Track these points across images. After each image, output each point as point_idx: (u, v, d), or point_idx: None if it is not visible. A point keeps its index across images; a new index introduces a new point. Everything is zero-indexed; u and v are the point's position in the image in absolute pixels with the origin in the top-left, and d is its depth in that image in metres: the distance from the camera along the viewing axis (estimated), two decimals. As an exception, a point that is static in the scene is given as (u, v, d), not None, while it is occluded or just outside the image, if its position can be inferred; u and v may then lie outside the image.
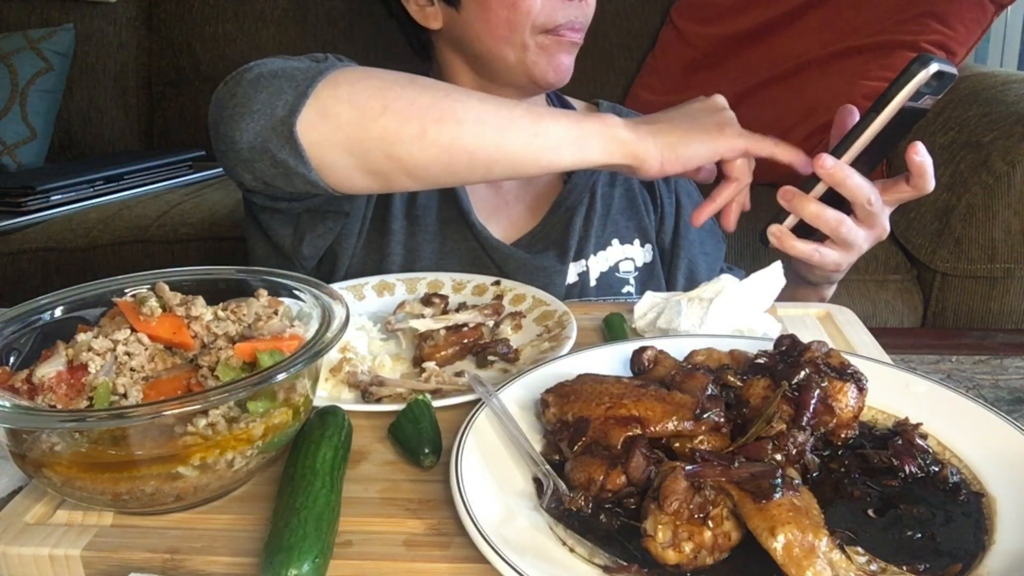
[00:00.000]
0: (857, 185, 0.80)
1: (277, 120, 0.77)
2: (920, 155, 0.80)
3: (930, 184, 0.82)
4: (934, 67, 0.74)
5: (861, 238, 0.84)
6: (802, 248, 0.84)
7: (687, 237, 1.18)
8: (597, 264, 1.11)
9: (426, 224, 1.07)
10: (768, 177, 2.34)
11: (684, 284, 1.16)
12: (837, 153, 0.80)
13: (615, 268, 1.12)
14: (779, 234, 0.83)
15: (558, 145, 0.80)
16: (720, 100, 0.87)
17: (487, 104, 0.80)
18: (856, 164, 0.80)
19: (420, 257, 1.05)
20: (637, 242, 1.14)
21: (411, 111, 0.78)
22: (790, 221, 0.84)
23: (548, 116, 0.82)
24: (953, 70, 0.76)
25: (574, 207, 1.11)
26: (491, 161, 0.80)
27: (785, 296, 0.99)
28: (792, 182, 0.83)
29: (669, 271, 1.18)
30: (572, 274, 1.09)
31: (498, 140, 0.79)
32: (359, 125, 0.78)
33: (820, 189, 0.82)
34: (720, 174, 0.87)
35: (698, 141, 0.82)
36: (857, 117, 0.82)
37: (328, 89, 0.78)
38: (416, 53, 1.14)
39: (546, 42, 0.99)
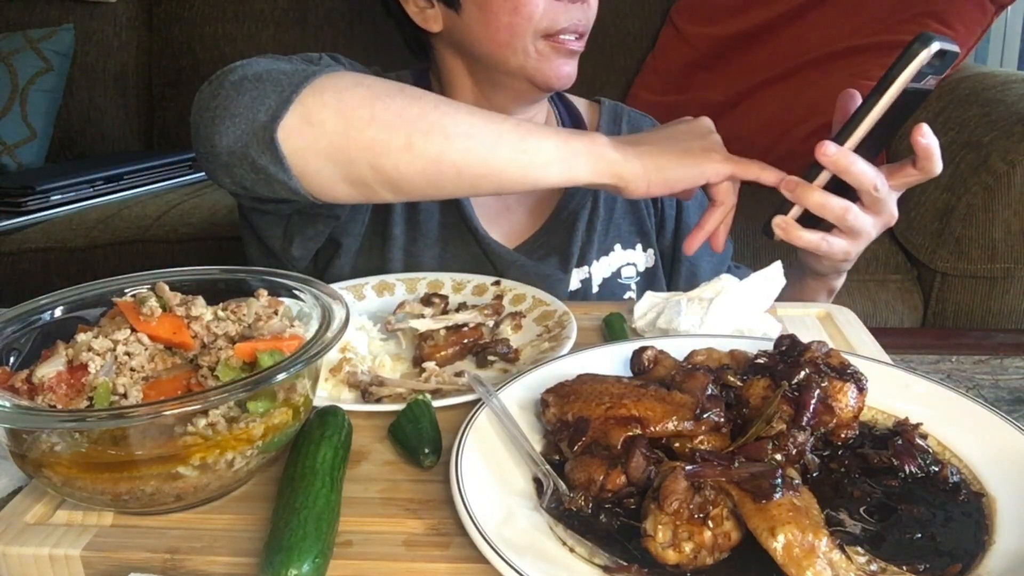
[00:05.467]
0: (862, 171, 0.78)
1: (259, 125, 0.76)
2: (926, 137, 0.78)
3: (937, 166, 0.80)
4: (936, 46, 0.72)
5: (869, 225, 0.83)
6: (809, 238, 0.82)
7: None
8: (600, 270, 1.10)
9: (427, 230, 1.06)
10: (768, 177, 2.31)
11: (685, 288, 1.15)
12: (840, 139, 0.78)
13: (617, 274, 1.11)
14: (784, 225, 0.82)
15: (546, 163, 0.80)
16: (707, 123, 0.88)
17: (476, 118, 0.79)
18: (860, 150, 0.78)
19: (421, 263, 1.04)
20: (639, 247, 1.13)
21: (399, 122, 0.77)
22: (795, 212, 0.82)
23: (537, 133, 0.81)
24: (955, 48, 0.74)
25: (576, 211, 1.10)
26: (477, 177, 0.79)
27: (794, 289, 0.98)
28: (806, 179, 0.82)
29: (670, 275, 1.17)
30: (575, 281, 1.08)
31: (486, 155, 0.78)
32: (344, 134, 0.76)
33: (824, 177, 0.80)
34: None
35: (685, 165, 0.82)
36: (859, 101, 0.80)
37: (313, 95, 0.76)
38: (414, 54, 1.12)
39: (547, 50, 0.98)
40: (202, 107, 0.79)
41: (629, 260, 1.13)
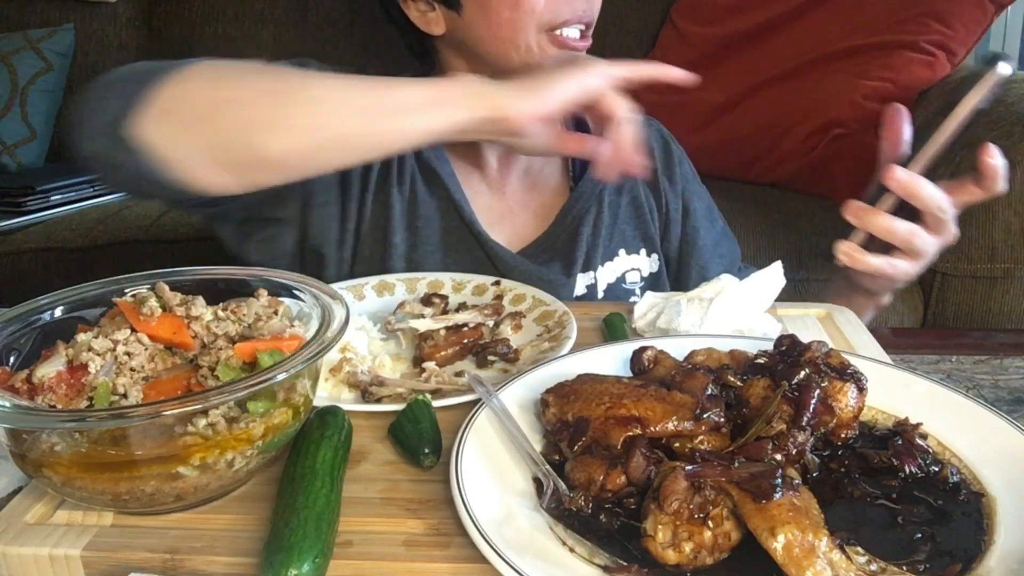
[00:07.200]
0: (930, 195, 0.78)
1: (120, 124, 0.74)
2: (994, 158, 0.78)
3: (1001, 186, 0.80)
4: (1006, 67, 0.73)
5: (932, 246, 0.82)
6: (875, 263, 0.81)
7: (697, 243, 1.15)
8: (604, 275, 1.09)
9: (428, 236, 1.05)
10: (769, 176, 2.34)
11: None
12: (906, 163, 0.77)
13: (622, 279, 1.11)
14: (849, 251, 0.81)
15: (418, 111, 0.77)
16: (591, 57, 0.85)
17: (340, 82, 0.77)
18: (923, 171, 0.78)
19: (423, 270, 1.04)
20: (643, 251, 1.13)
21: (261, 99, 0.75)
22: (859, 236, 0.81)
23: (405, 84, 0.79)
24: (1014, 67, 0.75)
25: (581, 216, 1.09)
26: (355, 138, 0.77)
27: (840, 305, 0.97)
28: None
29: (679, 279, 1.15)
30: (580, 286, 1.07)
31: (356, 117, 0.76)
32: (206, 120, 0.75)
33: (889, 201, 0.79)
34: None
35: (563, 80, 0.79)
36: (907, 117, 0.80)
37: (172, 87, 0.75)
38: (417, 58, 1.12)
39: (550, 47, 0.97)
40: (73, 112, 0.78)
41: (634, 265, 1.12)
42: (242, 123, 0.75)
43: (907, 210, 0.80)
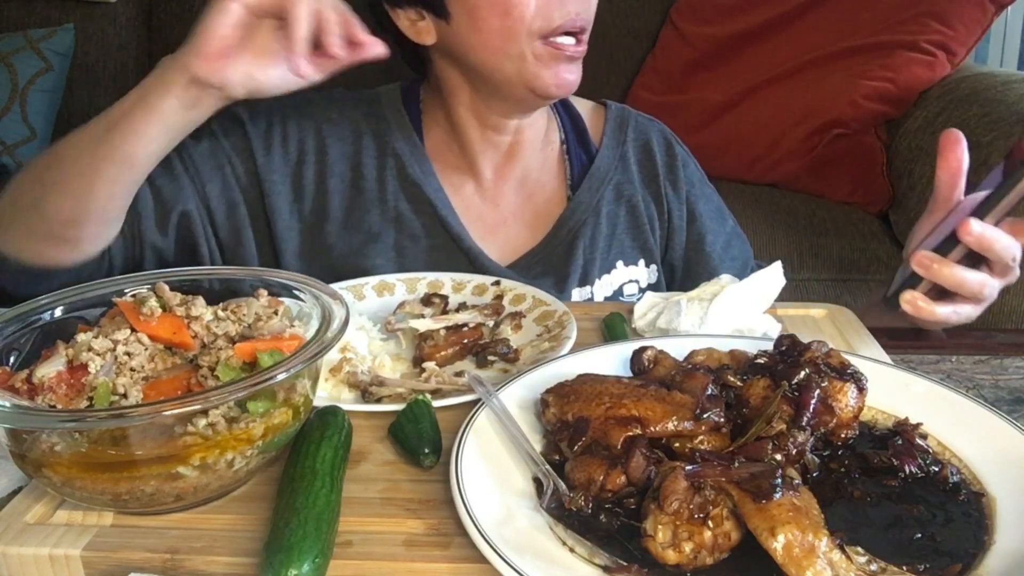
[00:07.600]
0: (1005, 247, 0.76)
1: None
2: None
3: None
4: None
5: (997, 290, 0.81)
6: (942, 313, 0.80)
7: (703, 249, 1.13)
8: (602, 289, 1.08)
9: (415, 255, 1.04)
10: (769, 176, 2.34)
11: None
12: (980, 214, 0.76)
13: (619, 291, 1.09)
14: (914, 301, 0.79)
15: (130, 113, 0.81)
16: None
17: (85, 125, 0.85)
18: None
19: None
20: (642, 263, 1.10)
21: (36, 176, 0.87)
22: (925, 286, 0.79)
23: (125, 97, 0.83)
24: None
25: (578, 229, 1.07)
26: (98, 168, 0.83)
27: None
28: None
29: (686, 286, 1.13)
30: (577, 300, 1.06)
31: (91, 148, 0.83)
32: (15, 214, 0.88)
33: (959, 252, 0.77)
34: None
35: (210, 11, 0.77)
36: (964, 144, 0.79)
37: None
38: (413, 69, 1.10)
39: (545, 54, 0.94)
40: None
41: (632, 277, 1.10)
42: (31, 202, 0.87)
43: (972, 255, 0.78)
